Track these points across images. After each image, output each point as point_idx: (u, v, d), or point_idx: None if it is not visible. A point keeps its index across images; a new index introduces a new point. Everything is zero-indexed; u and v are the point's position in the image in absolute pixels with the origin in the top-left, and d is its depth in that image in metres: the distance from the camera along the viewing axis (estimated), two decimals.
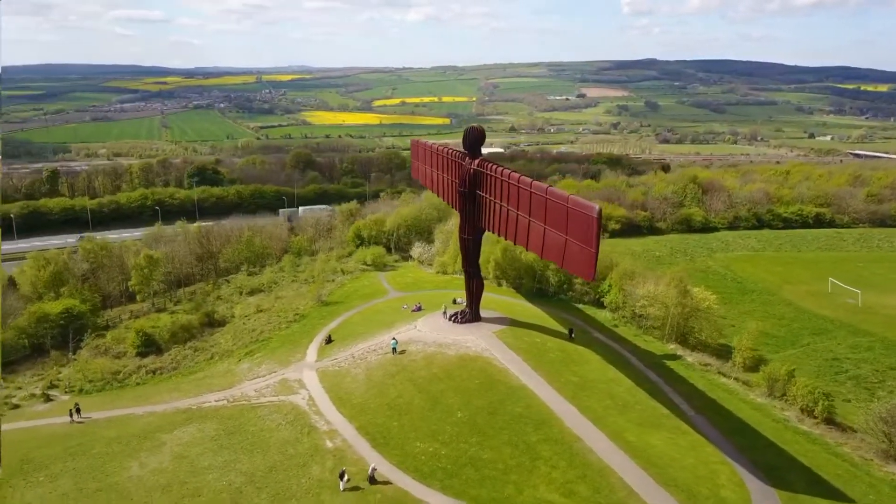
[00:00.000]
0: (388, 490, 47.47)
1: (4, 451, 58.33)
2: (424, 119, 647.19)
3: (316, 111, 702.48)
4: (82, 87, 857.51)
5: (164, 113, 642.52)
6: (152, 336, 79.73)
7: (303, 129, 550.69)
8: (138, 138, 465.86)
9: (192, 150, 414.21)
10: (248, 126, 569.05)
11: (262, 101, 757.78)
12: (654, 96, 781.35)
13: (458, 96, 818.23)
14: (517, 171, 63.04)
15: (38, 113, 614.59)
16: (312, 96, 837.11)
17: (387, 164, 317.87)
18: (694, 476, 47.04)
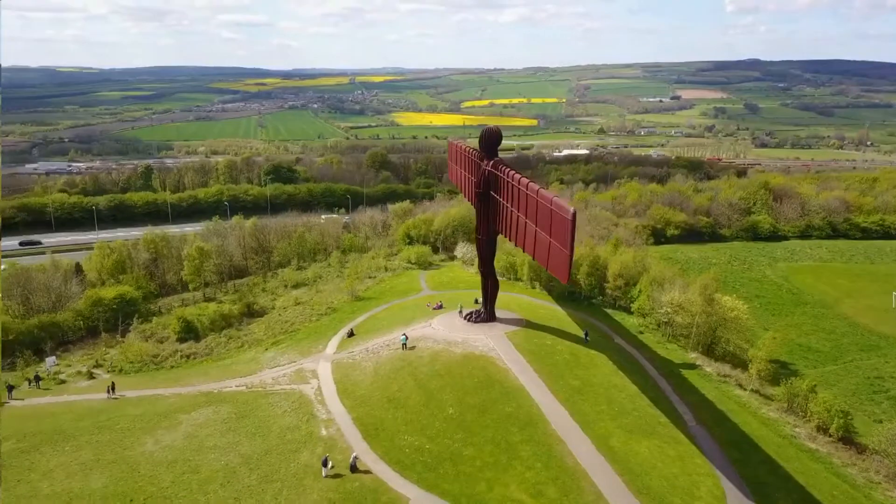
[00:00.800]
0: (366, 479, 49.05)
1: (45, 421, 63.93)
2: (512, 120, 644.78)
3: (405, 112, 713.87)
4: (189, 88, 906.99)
5: (262, 113, 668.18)
6: (192, 323, 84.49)
7: (391, 129, 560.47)
8: (236, 137, 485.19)
9: (283, 149, 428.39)
10: (338, 126, 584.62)
11: (353, 102, 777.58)
12: (754, 98, 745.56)
13: (548, 97, 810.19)
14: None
15: (148, 112, 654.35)
16: (403, 97, 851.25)
17: None
18: (671, 486, 46.10)
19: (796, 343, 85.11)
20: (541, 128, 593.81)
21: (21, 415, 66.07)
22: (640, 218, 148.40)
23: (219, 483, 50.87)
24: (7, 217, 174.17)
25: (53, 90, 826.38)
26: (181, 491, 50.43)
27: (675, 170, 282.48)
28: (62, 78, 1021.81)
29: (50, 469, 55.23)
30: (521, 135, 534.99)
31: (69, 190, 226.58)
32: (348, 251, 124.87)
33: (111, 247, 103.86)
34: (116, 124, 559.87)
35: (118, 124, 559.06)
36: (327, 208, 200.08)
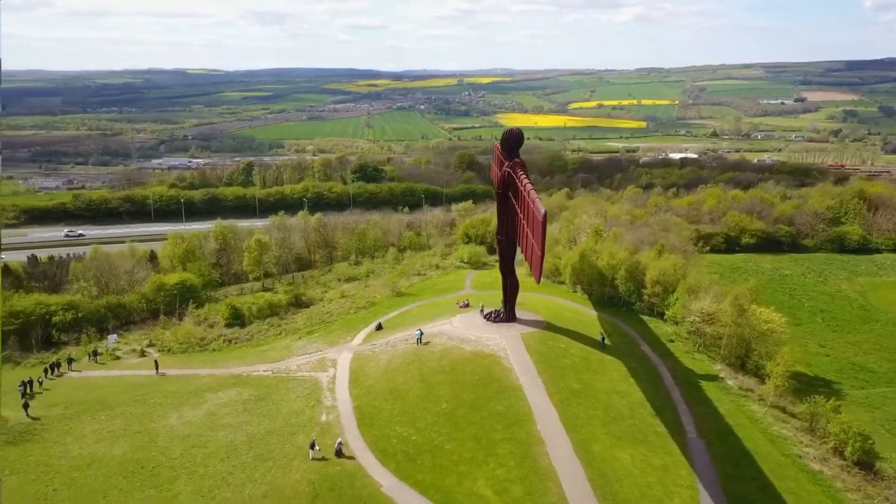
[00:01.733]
0: (348, 464, 51.26)
1: (91, 392, 70.51)
2: (619, 122, 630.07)
3: (510, 113, 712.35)
4: (305, 88, 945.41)
5: (370, 113, 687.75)
6: (240, 310, 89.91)
7: (494, 130, 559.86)
8: (343, 136, 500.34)
9: (386, 149, 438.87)
10: (443, 127, 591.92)
11: (459, 104, 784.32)
12: (891, 100, 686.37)
13: (660, 99, 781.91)
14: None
15: (265, 112, 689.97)
16: (509, 99, 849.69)
17: (547, 166, 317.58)
18: (641, 494, 45.32)
19: (850, 362, 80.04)
20: (649, 130, 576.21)
21: (74, 385, 73.01)
22: (714, 225, 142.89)
23: (219, 458, 54.59)
24: (113, 207, 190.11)
25: (183, 91, 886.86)
26: (186, 462, 54.52)
27: (779, 176, 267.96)
28: (192, 79, 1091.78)
29: (84, 434, 60.99)
30: (627, 137, 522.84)
31: (178, 184, 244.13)
32: (406, 249, 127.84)
33: (182, 236, 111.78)
34: (235, 123, 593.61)
35: (237, 123, 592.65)
36: (409, 208, 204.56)
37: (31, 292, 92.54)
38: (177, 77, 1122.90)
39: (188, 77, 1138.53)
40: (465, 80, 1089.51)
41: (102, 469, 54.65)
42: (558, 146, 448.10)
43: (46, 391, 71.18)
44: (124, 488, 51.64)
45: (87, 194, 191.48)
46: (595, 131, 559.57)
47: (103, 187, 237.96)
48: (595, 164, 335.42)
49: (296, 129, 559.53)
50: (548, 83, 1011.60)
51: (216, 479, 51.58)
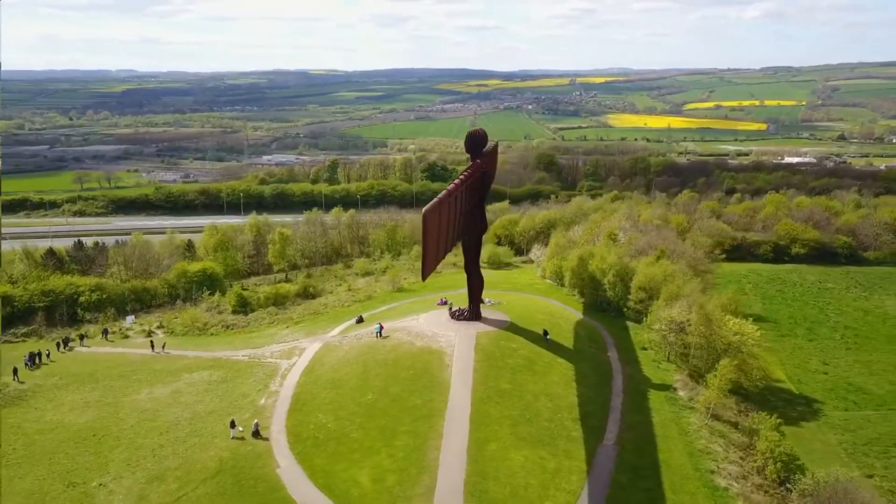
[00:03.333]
0: (260, 445, 54.34)
1: (87, 366, 77.46)
2: (736, 124, 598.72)
3: (620, 114, 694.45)
4: (416, 89, 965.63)
5: (477, 113, 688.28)
6: (247, 299, 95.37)
7: (601, 131, 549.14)
8: (447, 136, 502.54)
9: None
10: (548, 127, 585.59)
11: (568, 104, 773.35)
12: None
13: (785, 100, 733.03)
14: None
15: (375, 112, 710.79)
16: (621, 99, 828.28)
17: (630, 168, 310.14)
18: (513, 495, 45.44)
19: (847, 381, 74.99)
20: (769, 133, 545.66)
21: (78, 359, 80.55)
22: (764, 233, 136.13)
23: (160, 432, 59.21)
24: (190, 200, 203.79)
25: (303, 91, 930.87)
26: (131, 433, 59.57)
27: (881, 183, 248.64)
28: (313, 80, 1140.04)
29: (62, 402, 67.59)
30: (743, 140, 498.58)
31: (268, 179, 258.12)
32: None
33: (217, 228, 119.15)
34: (346, 122, 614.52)
35: (348, 122, 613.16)
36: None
37: (71, 274, 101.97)
38: (299, 78, 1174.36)
39: (309, 78, 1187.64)
40: (577, 80, 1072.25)
41: (62, 434, 60.46)
42: (667, 148, 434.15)
43: (53, 363, 78.74)
44: (70, 452, 57.01)
45: (168, 187, 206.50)
46: (708, 133, 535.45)
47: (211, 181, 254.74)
48: (680, 167, 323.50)
49: (403, 128, 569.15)
50: (664, 83, 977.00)
51: (146, 451, 55.96)
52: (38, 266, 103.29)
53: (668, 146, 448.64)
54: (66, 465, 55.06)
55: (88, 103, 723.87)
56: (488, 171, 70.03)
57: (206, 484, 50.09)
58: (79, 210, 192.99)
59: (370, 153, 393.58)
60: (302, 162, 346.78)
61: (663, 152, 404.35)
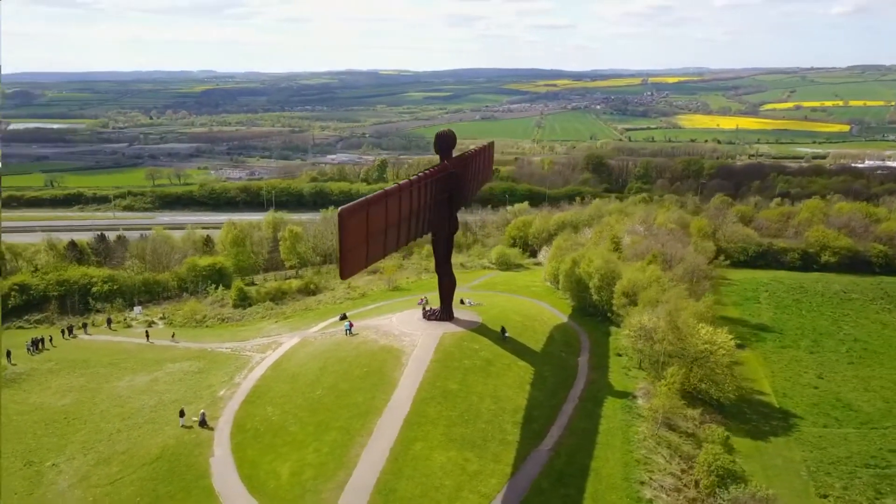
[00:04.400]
0: (203, 434, 56.44)
1: (83, 353, 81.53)
2: (816, 126, 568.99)
3: (692, 115, 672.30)
4: (484, 89, 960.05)
5: (543, 113, 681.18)
6: (248, 293, 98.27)
7: (669, 132, 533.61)
8: (511, 136, 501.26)
9: (548, 149, 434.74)
10: (615, 127, 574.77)
11: (637, 104, 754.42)
12: None
13: (873, 100, 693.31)
14: None
15: (441, 112, 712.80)
16: (695, 100, 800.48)
17: (682, 171, 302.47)
18: (422, 494, 45.58)
19: (837, 397, 71.47)
20: (852, 135, 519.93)
21: (79, 346, 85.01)
22: (794, 240, 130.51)
23: (123, 418, 62.28)
24: (231, 197, 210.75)
25: (372, 91, 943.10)
26: (97, 418, 62.84)
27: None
28: (382, 80, 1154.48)
29: (50, 386, 71.71)
30: (822, 142, 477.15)
31: (319, 178, 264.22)
32: None
33: (235, 224, 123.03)
34: (412, 122, 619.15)
35: (413, 122, 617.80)
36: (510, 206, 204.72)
37: (89, 265, 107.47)
38: (369, 78, 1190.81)
39: (379, 78, 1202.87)
40: (649, 80, 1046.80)
41: (38, 415, 64.18)
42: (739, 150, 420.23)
43: (53, 349, 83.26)
44: (38, 433, 60.53)
45: (212, 184, 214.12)
46: (785, 135, 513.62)
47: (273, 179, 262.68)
48: (734, 170, 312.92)
49: (467, 128, 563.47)
50: (742, 83, 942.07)
51: (104, 435, 58.88)
52: (60, 257, 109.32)
53: (740, 148, 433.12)
54: (30, 445, 58.37)
55: (169, 103, 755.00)
56: (458, 173, 69.80)
57: (143, 469, 52.30)
58: (128, 205, 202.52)
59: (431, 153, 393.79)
60: (364, 161, 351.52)
61: (732, 154, 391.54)
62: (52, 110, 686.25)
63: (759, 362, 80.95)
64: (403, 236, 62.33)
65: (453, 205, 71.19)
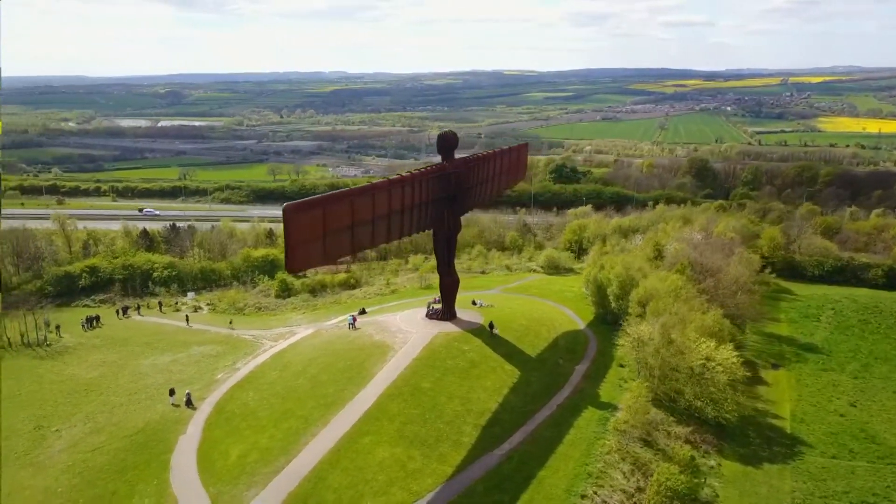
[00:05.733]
0: (185, 412, 60.56)
1: (126, 332, 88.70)
2: None
3: (835, 117, 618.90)
4: (608, 89, 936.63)
5: (668, 115, 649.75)
6: (290, 285, 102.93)
7: (806, 135, 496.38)
8: (631, 137, 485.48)
9: (667, 151, 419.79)
10: (745, 130, 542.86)
11: (774, 105, 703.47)
12: None
13: None
14: None
15: (561, 112, 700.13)
16: (841, 101, 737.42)
17: (795, 177, 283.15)
18: (350, 486, 46.52)
19: (862, 428, 65.34)
20: None
21: (125, 326, 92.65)
22: (882, 255, 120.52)
23: (129, 392, 67.94)
24: (321, 192, 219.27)
25: (494, 91, 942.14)
26: (109, 392, 68.89)
27: None
28: (506, 80, 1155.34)
29: (87, 360, 78.88)
30: None
31: None
32: (507, 248, 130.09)
33: None
34: (531, 122, 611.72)
35: (532, 122, 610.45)
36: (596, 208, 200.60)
37: (158, 252, 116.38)
38: (492, 78, 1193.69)
39: (503, 78, 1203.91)
40: (790, 80, 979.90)
41: (65, 386, 70.93)
42: (883, 156, 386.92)
43: (104, 326, 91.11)
44: (58, 401, 67.07)
45: (302, 180, 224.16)
46: None
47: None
48: (854, 178, 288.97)
49: (586, 129, 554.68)
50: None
51: (108, 407, 64.49)
52: (133, 243, 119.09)
53: (886, 154, 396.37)
54: (47, 411, 64.71)
55: (299, 102, 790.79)
56: (459, 174, 69.88)
57: (123, 440, 56.85)
58: (225, 198, 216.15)
59: (542, 153, 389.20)
60: None
61: (875, 161, 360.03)
62: (196, 109, 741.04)
63: (788, 384, 75.49)
64: (395, 231, 63.26)
65: (456, 206, 71.27)
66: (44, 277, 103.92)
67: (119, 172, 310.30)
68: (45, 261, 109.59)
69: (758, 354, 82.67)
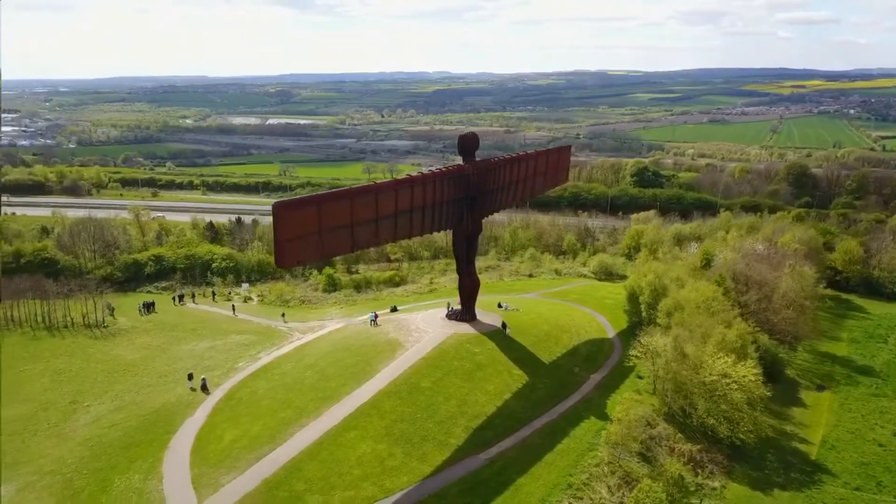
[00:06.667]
0: (199, 396, 63.86)
1: (179, 318, 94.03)
2: None
3: None
4: (718, 90, 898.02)
5: (783, 117, 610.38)
6: (336, 280, 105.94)
7: None
8: (739, 141, 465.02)
9: (776, 156, 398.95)
10: (868, 135, 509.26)
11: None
12: None
13: None
14: None
15: (666, 114, 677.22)
16: None
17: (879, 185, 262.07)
18: (322, 478, 47.77)
19: None
20: None
21: (178, 312, 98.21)
22: None
23: (159, 375, 72.17)
24: None
25: (597, 92, 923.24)
26: (145, 373, 73.12)
27: None
28: (610, 80, 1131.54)
29: (134, 342, 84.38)
30: None
31: None
32: (565, 251, 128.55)
33: None
34: (632, 124, 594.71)
35: (633, 124, 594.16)
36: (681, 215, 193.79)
37: (221, 244, 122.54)
38: (596, 78, 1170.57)
39: (607, 78, 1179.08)
40: None
41: (107, 365, 76.23)
42: None
43: (160, 312, 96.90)
44: (98, 379, 72.16)
45: (375, 178, 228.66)
46: None
47: None
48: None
49: (690, 131, 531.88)
50: None
51: (138, 387, 68.91)
52: (200, 235, 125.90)
53: None
54: (84, 388, 69.74)
55: (401, 102, 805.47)
56: (477, 175, 69.66)
57: (138, 419, 60.54)
58: None
59: (643, 156, 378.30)
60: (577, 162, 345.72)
61: None
62: (303, 108, 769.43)
63: (829, 407, 70.45)
64: (403, 230, 63.92)
65: (476, 208, 71.10)
66: (114, 264, 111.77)
67: (223, 167, 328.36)
68: (118, 249, 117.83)
69: (803, 374, 77.67)
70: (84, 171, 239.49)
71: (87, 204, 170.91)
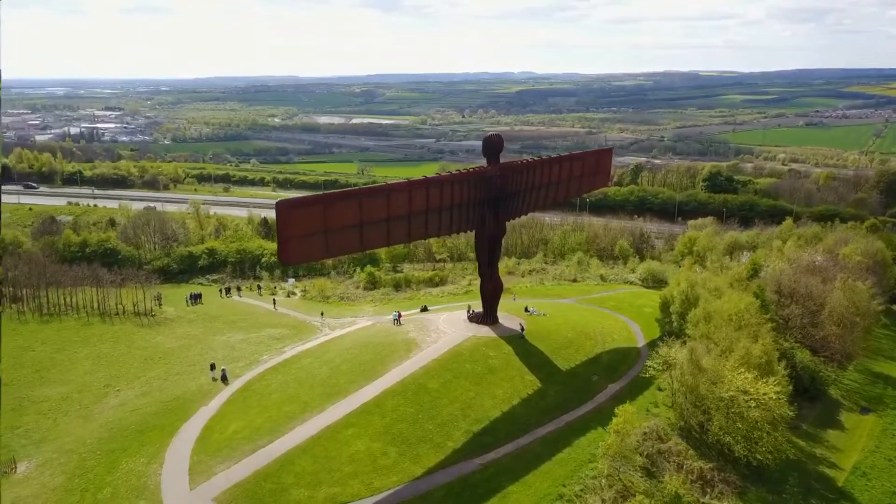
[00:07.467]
0: (217, 386, 66.17)
1: (221, 309, 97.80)
2: None
3: None
4: (818, 92, 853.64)
5: (889, 121, 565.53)
6: (377, 278, 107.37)
7: None
8: (838, 146, 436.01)
9: (877, 162, 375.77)
10: None
11: None
12: None
13: None
14: None
15: (759, 116, 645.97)
16: None
17: None
18: (311, 472, 48.59)
19: None
20: None
21: (223, 304, 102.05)
22: None
23: (189, 364, 75.23)
24: None
25: (686, 93, 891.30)
26: (177, 362, 76.49)
27: None
28: (701, 81, 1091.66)
29: (175, 331, 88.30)
30: None
31: None
32: (617, 257, 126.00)
33: None
34: (721, 126, 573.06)
35: (722, 126, 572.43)
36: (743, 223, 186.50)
37: (270, 239, 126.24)
38: (687, 79, 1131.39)
39: (698, 79, 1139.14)
40: None
41: (146, 352, 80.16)
42: None
43: (206, 303, 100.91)
44: (136, 365, 76.10)
45: None
46: None
47: None
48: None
49: (783, 135, 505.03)
50: None
51: (167, 374, 72.27)
52: (255, 230, 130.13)
53: None
54: (121, 372, 73.61)
55: (483, 103, 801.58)
56: (501, 178, 69.05)
57: (159, 405, 63.32)
58: None
59: (729, 159, 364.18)
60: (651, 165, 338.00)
61: None
62: (386, 108, 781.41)
63: (870, 431, 65.96)
64: (418, 231, 64.07)
65: (500, 210, 70.48)
66: (171, 255, 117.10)
67: (303, 165, 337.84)
68: (177, 241, 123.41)
69: (848, 394, 72.91)
70: (163, 167, 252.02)
71: (160, 198, 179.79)
